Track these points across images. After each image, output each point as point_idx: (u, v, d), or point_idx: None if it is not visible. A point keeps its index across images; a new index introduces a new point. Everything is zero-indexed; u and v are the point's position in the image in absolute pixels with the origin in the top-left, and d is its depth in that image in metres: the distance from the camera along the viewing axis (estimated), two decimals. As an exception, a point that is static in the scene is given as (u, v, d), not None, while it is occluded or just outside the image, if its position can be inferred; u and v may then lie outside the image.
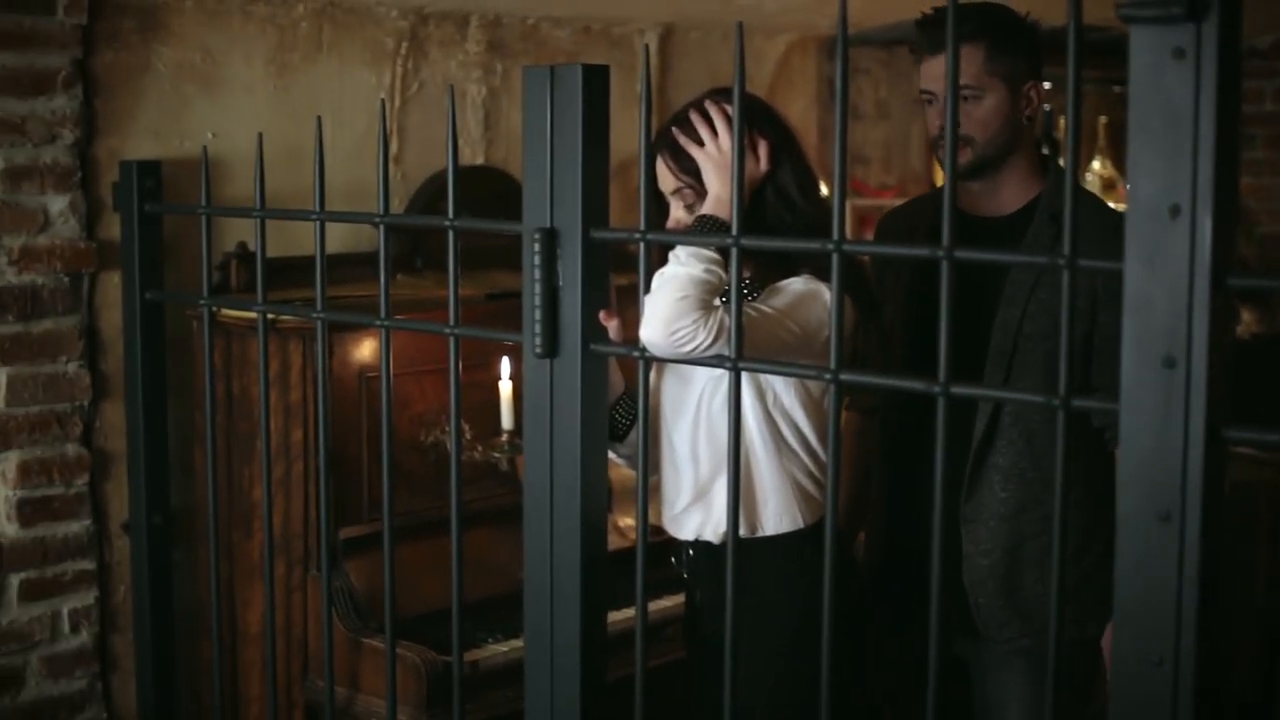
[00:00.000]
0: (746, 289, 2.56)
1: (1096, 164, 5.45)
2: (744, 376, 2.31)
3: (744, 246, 1.97)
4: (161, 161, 3.25)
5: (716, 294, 2.34)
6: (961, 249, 1.72)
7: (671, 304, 2.27)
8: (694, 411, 2.59)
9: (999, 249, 2.68)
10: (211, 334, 2.90)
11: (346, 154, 3.86)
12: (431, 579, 3.27)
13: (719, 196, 2.49)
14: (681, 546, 2.70)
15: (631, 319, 2.32)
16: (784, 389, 2.55)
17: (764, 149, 2.57)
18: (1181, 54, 1.49)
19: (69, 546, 3.43)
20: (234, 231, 3.59)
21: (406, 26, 3.98)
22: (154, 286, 3.17)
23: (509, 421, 3.39)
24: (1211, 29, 1.47)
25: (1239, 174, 1.57)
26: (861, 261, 2.80)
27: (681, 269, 2.33)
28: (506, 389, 3.39)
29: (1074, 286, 1.65)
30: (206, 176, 2.84)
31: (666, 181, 2.61)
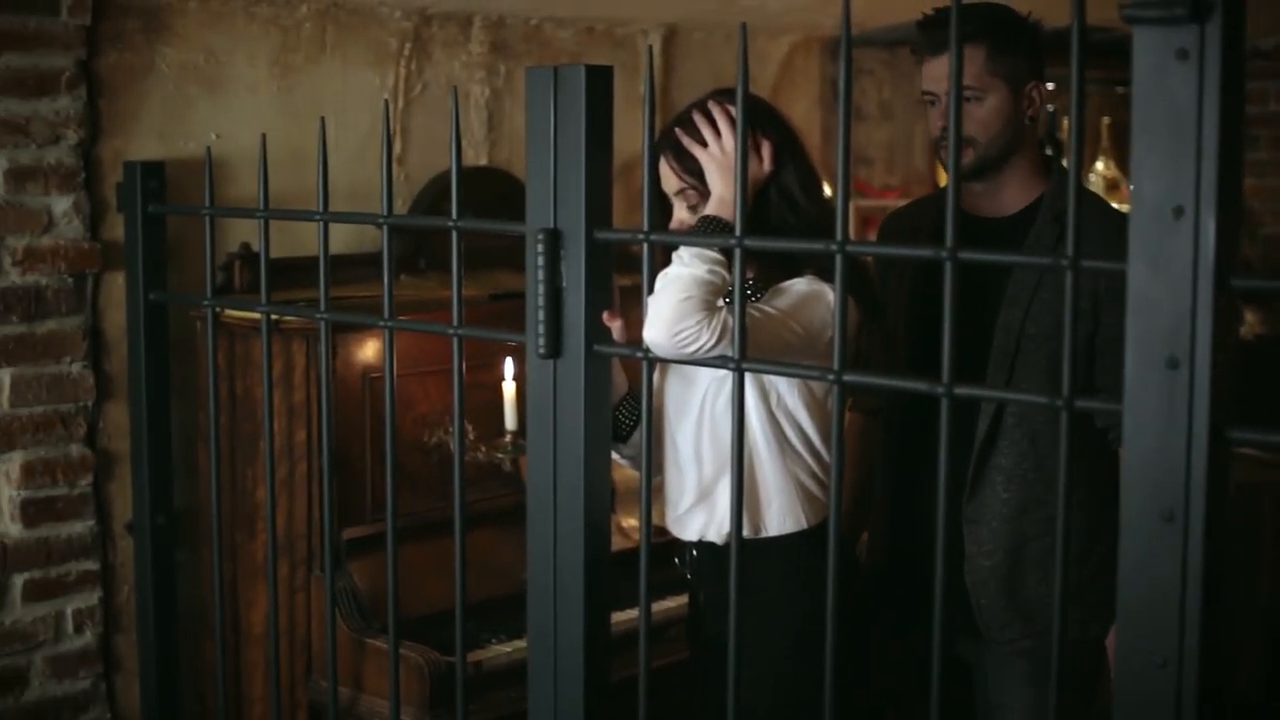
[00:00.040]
0: (750, 290, 2.56)
1: (1100, 165, 5.45)
2: (747, 377, 2.31)
3: (747, 247, 1.97)
4: (165, 162, 3.25)
5: (720, 295, 2.34)
6: (965, 250, 1.72)
7: (675, 305, 2.27)
8: (697, 412, 2.58)
9: (1001, 250, 2.67)
10: (215, 335, 2.91)
11: (350, 155, 3.86)
12: (435, 579, 3.27)
13: (722, 197, 2.49)
14: (685, 547, 2.70)
15: (635, 320, 2.32)
16: (787, 390, 2.55)
17: (767, 150, 2.57)
18: (1185, 55, 1.49)
19: (73, 547, 3.43)
20: (237, 232, 3.59)
21: (410, 27, 3.98)
22: (158, 287, 3.18)
23: (512, 422, 3.39)
24: (1215, 30, 1.47)
25: (1242, 175, 1.57)
26: (865, 262, 2.80)
27: (685, 270, 2.32)
28: (510, 390, 3.39)
29: (1077, 287, 1.65)
30: (210, 177, 2.84)
31: (670, 182, 2.60)
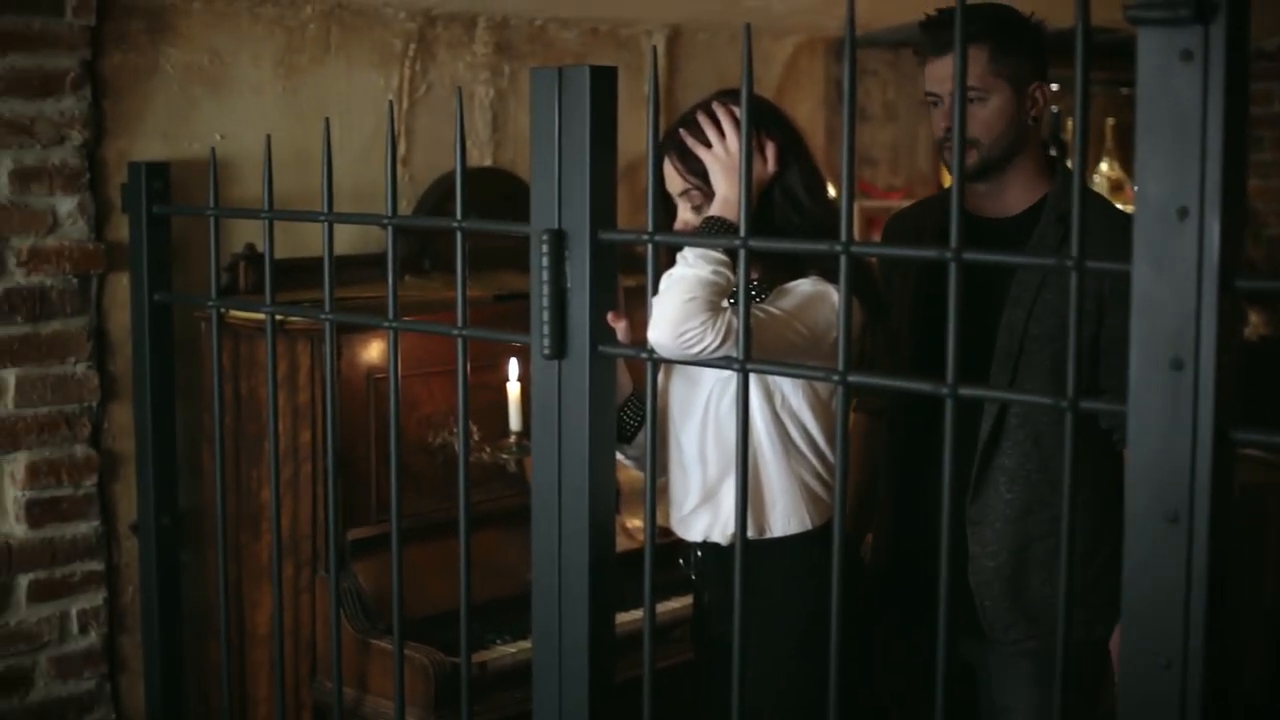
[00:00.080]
0: (754, 290, 2.56)
1: (1104, 166, 5.45)
2: (752, 378, 2.31)
3: (752, 248, 1.97)
4: (170, 163, 3.26)
5: (724, 295, 2.34)
6: (969, 251, 1.72)
7: (679, 305, 2.27)
8: (702, 413, 2.58)
9: (1004, 250, 2.67)
10: (220, 335, 2.91)
11: (354, 155, 3.87)
12: (440, 580, 3.28)
13: (726, 198, 2.49)
14: (689, 548, 2.70)
15: (639, 320, 2.32)
16: (792, 390, 2.55)
17: (771, 150, 2.57)
18: (1189, 56, 1.49)
19: (77, 547, 3.43)
20: (242, 233, 3.59)
21: (414, 28, 3.98)
22: (162, 288, 3.18)
23: (517, 423, 3.39)
24: (1219, 31, 1.47)
25: (1247, 176, 1.57)
26: (869, 263, 2.80)
27: (689, 270, 2.33)
28: (514, 390, 3.39)
29: (1082, 288, 1.65)
30: (214, 178, 2.85)
31: (674, 183, 2.61)
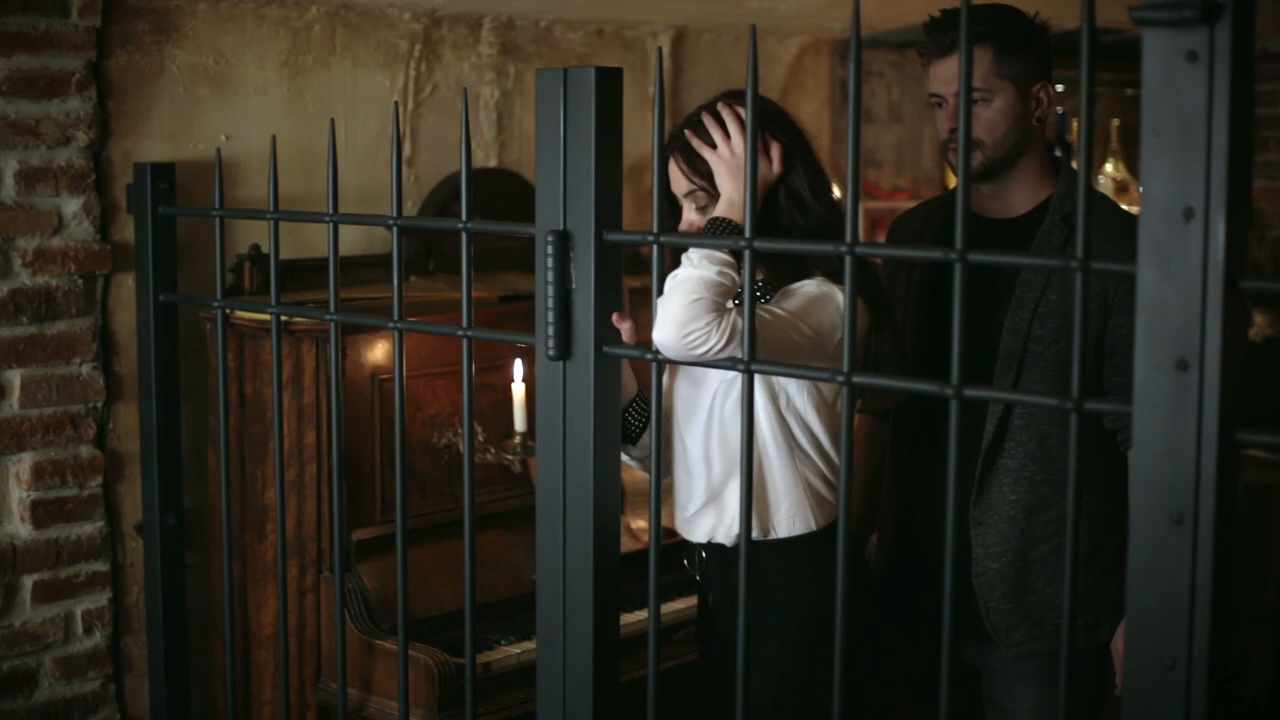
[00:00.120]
0: (759, 291, 2.56)
1: (1109, 167, 5.44)
2: (757, 379, 2.32)
3: (757, 249, 1.97)
4: (175, 164, 3.26)
5: (729, 296, 2.34)
6: (974, 252, 1.72)
7: (684, 306, 2.27)
8: (706, 414, 2.58)
9: (1008, 251, 2.67)
10: (225, 336, 2.91)
11: (360, 156, 3.87)
12: (444, 581, 3.28)
13: (731, 199, 2.49)
14: (694, 549, 2.70)
15: (644, 321, 2.32)
16: (796, 391, 2.55)
17: (776, 151, 2.57)
18: (1195, 57, 1.49)
19: (82, 548, 3.44)
20: (247, 233, 3.60)
21: (419, 29, 3.98)
22: (167, 288, 3.18)
23: (521, 423, 3.39)
24: (1225, 32, 1.47)
25: (1252, 177, 1.57)
26: (874, 264, 2.80)
27: (694, 271, 2.33)
28: (519, 391, 3.39)
29: (1087, 289, 1.65)
30: (220, 179, 2.85)
31: (679, 184, 2.61)
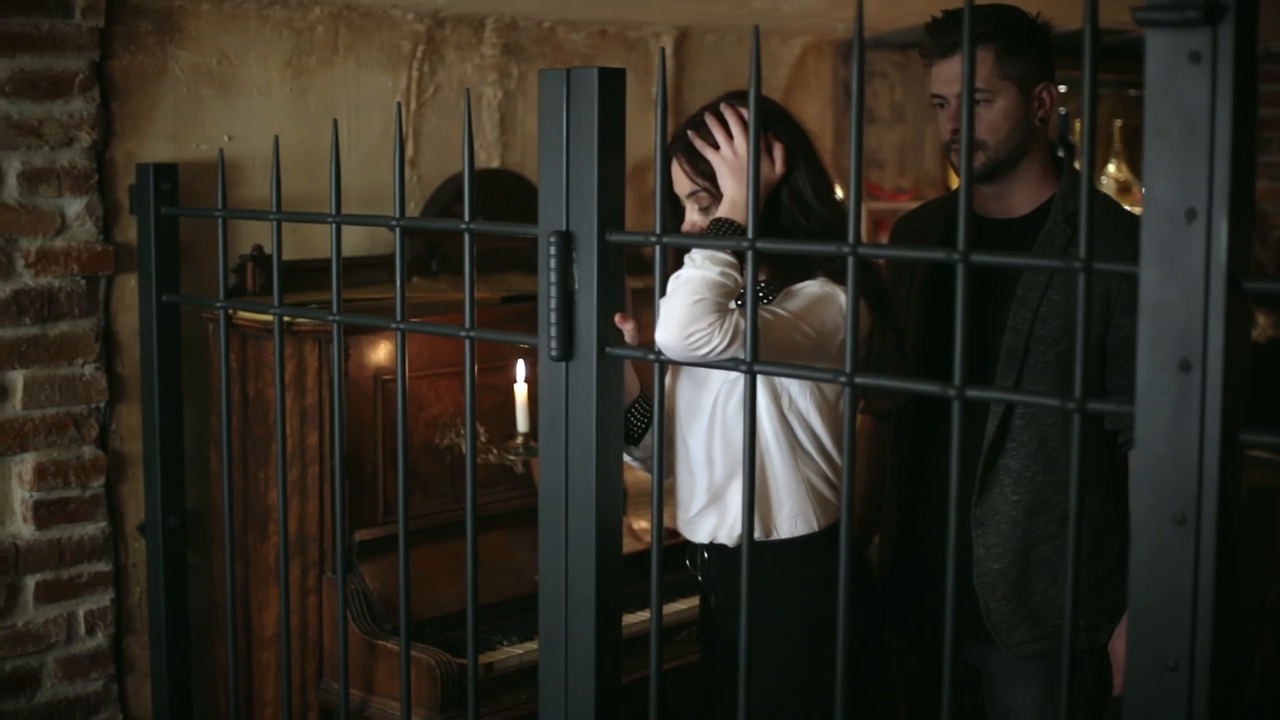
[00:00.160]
0: (762, 292, 2.56)
1: (1112, 167, 5.44)
2: (759, 379, 2.31)
3: (760, 249, 1.97)
4: (178, 164, 3.26)
5: (732, 297, 2.34)
6: (976, 252, 1.72)
7: (687, 307, 2.27)
8: (709, 415, 2.58)
9: (1010, 251, 2.67)
10: (227, 336, 2.91)
11: (362, 157, 3.87)
12: (446, 581, 3.28)
13: (734, 199, 2.49)
14: (696, 549, 2.70)
15: (647, 322, 2.32)
16: (799, 392, 2.55)
17: (779, 152, 2.57)
18: (1198, 58, 1.49)
19: (85, 548, 3.44)
20: (250, 234, 3.60)
21: (422, 30, 3.98)
22: (170, 289, 3.18)
23: (524, 424, 3.39)
24: (1228, 33, 1.47)
25: (1255, 177, 1.57)
26: (877, 265, 2.79)
27: (697, 272, 2.33)
28: (522, 392, 3.39)
29: (1089, 290, 1.65)
30: (223, 179, 2.85)
31: (682, 184, 2.61)
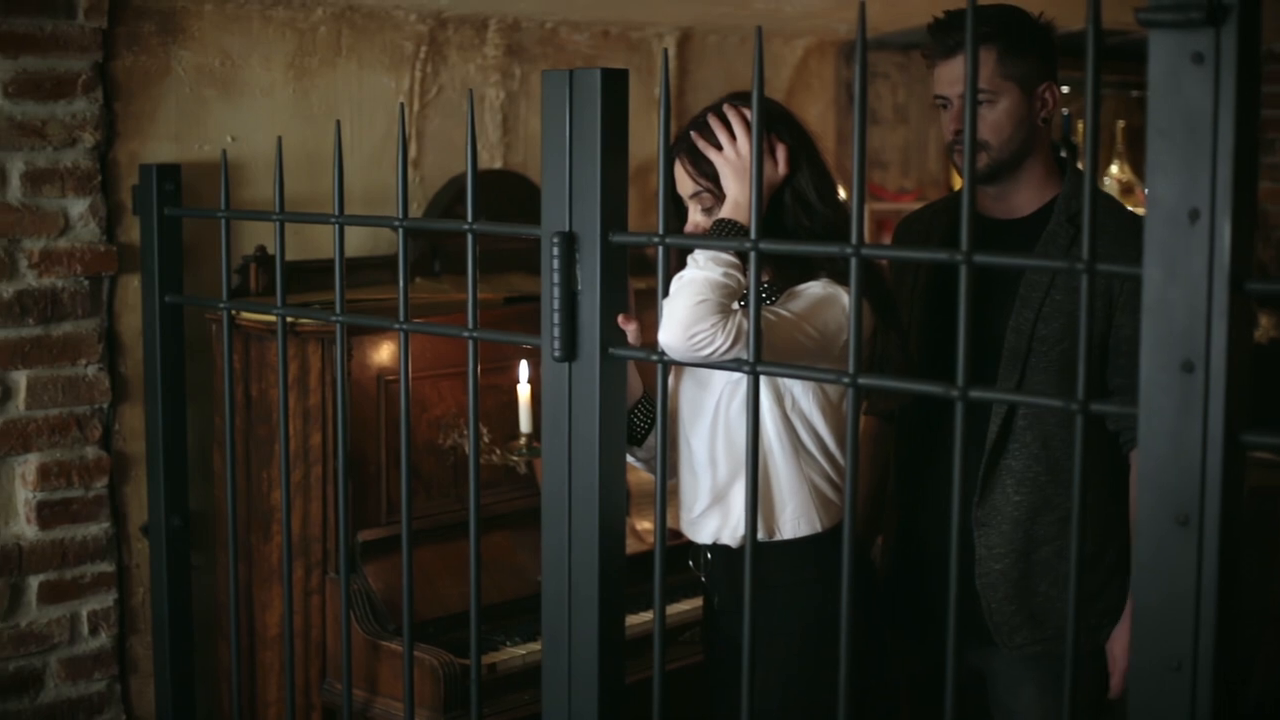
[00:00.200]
0: (765, 293, 2.56)
1: (1114, 168, 5.44)
2: (762, 380, 2.31)
3: (762, 250, 1.97)
4: (181, 165, 3.26)
5: (735, 298, 2.34)
6: (979, 253, 1.72)
7: (690, 308, 2.27)
8: (712, 415, 2.58)
9: (1013, 252, 2.66)
10: (230, 337, 2.92)
11: (365, 158, 3.87)
12: (449, 582, 3.28)
13: (737, 200, 2.49)
14: (699, 550, 2.70)
15: (650, 322, 2.32)
16: (802, 393, 2.55)
17: (782, 153, 2.57)
18: (1201, 59, 1.49)
19: (88, 549, 3.44)
20: (253, 235, 3.60)
21: (425, 30, 3.98)
22: (173, 290, 3.19)
23: (527, 425, 3.40)
24: (1231, 34, 1.47)
25: (1258, 178, 1.57)
26: (880, 266, 2.80)
27: (700, 273, 2.33)
28: (525, 392, 3.39)
29: (1092, 290, 1.65)
30: (226, 180, 2.85)
31: (685, 185, 2.61)
